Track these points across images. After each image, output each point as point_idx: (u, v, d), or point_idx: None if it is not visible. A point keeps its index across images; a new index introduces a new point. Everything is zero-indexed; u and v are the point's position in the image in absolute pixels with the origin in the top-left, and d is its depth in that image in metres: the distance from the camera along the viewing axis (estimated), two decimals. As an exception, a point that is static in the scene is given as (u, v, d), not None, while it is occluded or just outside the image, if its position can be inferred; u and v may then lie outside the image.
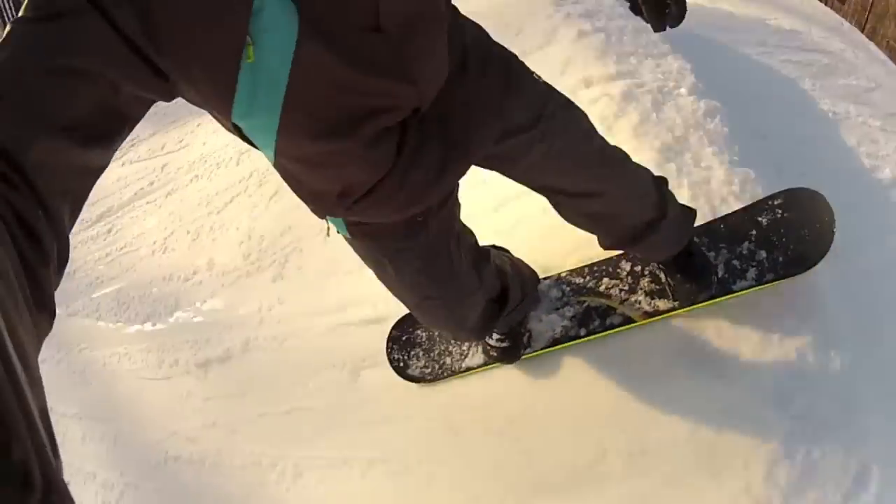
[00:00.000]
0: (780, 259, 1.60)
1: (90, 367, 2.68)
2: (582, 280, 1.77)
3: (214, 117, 0.81)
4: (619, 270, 1.73)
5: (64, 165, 0.54)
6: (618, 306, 1.69)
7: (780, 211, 1.68)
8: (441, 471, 1.67)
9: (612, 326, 1.67)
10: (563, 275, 1.81)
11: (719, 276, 1.60)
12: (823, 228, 1.61)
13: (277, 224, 2.50)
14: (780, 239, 1.64)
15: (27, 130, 0.51)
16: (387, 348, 1.94)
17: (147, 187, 3.30)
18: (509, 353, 1.68)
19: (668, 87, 2.16)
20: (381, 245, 1.12)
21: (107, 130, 0.59)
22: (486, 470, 1.60)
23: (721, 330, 1.57)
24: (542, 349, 1.71)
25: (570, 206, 1.30)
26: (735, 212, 1.72)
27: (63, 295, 2.89)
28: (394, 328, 1.97)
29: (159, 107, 0.87)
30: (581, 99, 1.97)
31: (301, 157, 0.88)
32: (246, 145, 0.87)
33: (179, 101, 0.72)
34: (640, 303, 1.67)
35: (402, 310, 1.84)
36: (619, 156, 1.28)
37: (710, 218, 1.70)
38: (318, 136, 0.82)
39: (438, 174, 0.97)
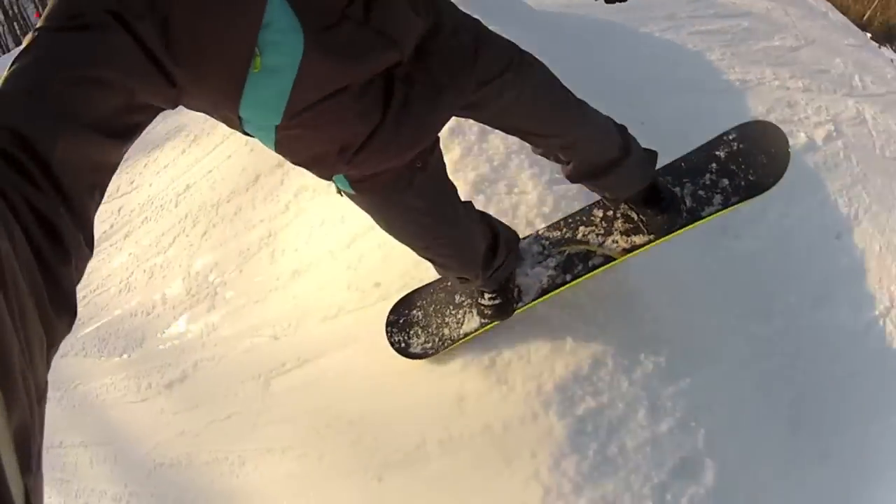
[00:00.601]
0: (742, 184, 1.71)
1: (86, 399, 3.01)
2: (559, 233, 1.86)
3: (214, 114, 0.89)
4: (592, 218, 1.82)
5: (87, 161, 0.57)
6: (597, 249, 1.77)
7: (735, 144, 1.78)
8: (326, 453, 2.05)
9: (596, 267, 1.74)
10: (540, 231, 1.91)
11: (687, 205, 1.71)
12: (779, 152, 1.71)
13: (208, 261, 2.92)
14: (740, 167, 1.74)
15: (52, 128, 0.53)
16: (387, 332, 2.03)
17: (108, 230, 3.55)
18: (503, 309, 1.73)
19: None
20: (385, 196, 1.20)
21: (123, 131, 0.63)
22: (350, 451, 1.98)
23: (514, 340, 1.81)
24: (532, 300, 1.77)
25: (542, 143, 1.41)
26: (693, 150, 1.83)
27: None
28: (391, 313, 2.05)
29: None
30: None
31: (300, 125, 0.93)
32: (182, 186, 1.06)
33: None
34: (617, 242, 1.75)
35: (304, 329, 2.31)
36: (582, 103, 1.37)
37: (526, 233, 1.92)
38: (315, 105, 0.89)
39: (427, 118, 1.06)
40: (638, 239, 1.72)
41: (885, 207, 2.83)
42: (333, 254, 2.25)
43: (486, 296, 1.75)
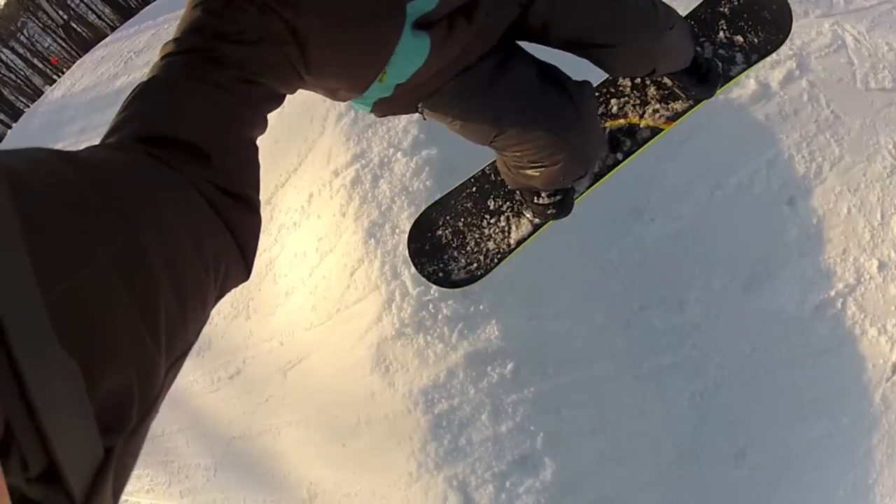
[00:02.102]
0: (756, 40, 1.70)
1: (178, 394, 3.90)
2: None
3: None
4: (621, 88, 1.73)
5: (242, 149, 0.66)
6: (639, 121, 1.69)
7: (736, 0, 1.76)
8: (318, 426, 2.72)
9: (644, 141, 1.68)
10: None
11: (719, 65, 1.69)
12: (778, 5, 1.71)
13: None
14: (747, 23, 1.72)
15: (213, 126, 0.62)
16: (415, 265, 1.85)
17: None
18: (565, 205, 1.61)
19: (388, 155, 2.55)
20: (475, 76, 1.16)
21: (263, 119, 0.72)
22: (328, 424, 2.62)
23: (398, 351, 2.20)
24: (588, 188, 1.71)
25: (607, 56, 1.28)
26: (697, 7, 1.78)
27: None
28: (410, 241, 1.85)
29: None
30: (330, 191, 2.64)
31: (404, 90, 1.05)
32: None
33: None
34: (658, 111, 1.68)
35: (297, 336, 2.92)
36: None
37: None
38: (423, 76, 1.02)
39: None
40: (678, 105, 1.67)
41: (862, 156, 2.44)
42: (303, 281, 2.82)
43: (544, 195, 1.59)
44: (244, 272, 0.61)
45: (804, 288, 2.26)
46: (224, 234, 0.56)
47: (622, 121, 1.71)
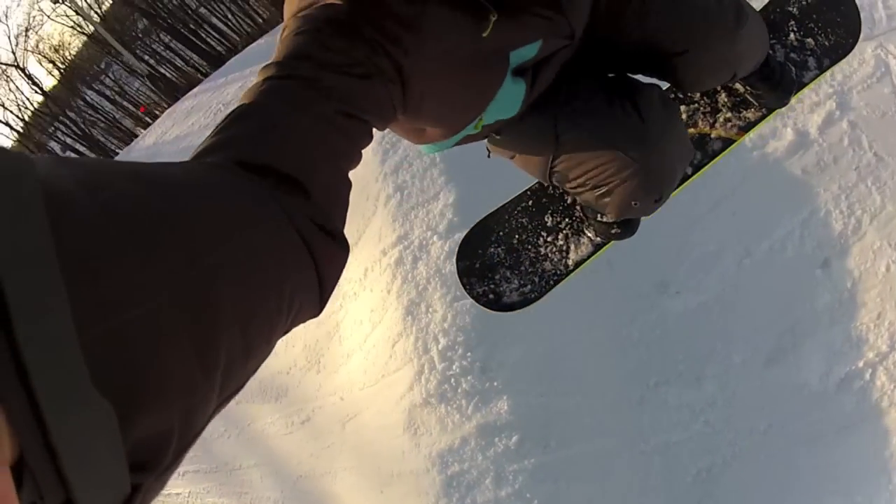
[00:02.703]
0: (827, 43, 1.65)
1: (255, 434, 4.32)
2: None
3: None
4: (690, 94, 1.64)
5: (340, 185, 0.65)
6: (710, 130, 1.61)
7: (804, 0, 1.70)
8: (359, 475, 3.03)
9: (716, 153, 1.60)
10: None
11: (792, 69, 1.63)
12: (846, 6, 1.66)
13: (311, 337, 4.14)
14: (817, 24, 1.67)
15: (315, 159, 0.61)
16: (464, 285, 1.74)
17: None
18: (630, 224, 1.49)
19: (426, 238, 2.76)
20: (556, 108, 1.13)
21: (359, 155, 0.71)
22: (369, 474, 2.93)
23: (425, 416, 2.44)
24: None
25: (681, 66, 1.19)
26: (765, 7, 1.70)
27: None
28: (459, 259, 1.75)
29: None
30: (379, 268, 2.90)
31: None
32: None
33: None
34: (729, 120, 1.61)
35: (352, 392, 3.25)
36: None
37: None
38: None
39: None
40: (750, 114, 1.59)
41: None
42: (360, 345, 3.11)
43: None
44: (317, 309, 0.58)
45: (831, 360, 2.22)
46: (309, 269, 0.54)
47: (692, 130, 1.62)
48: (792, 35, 1.67)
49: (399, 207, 2.79)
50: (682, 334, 2.35)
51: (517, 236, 1.66)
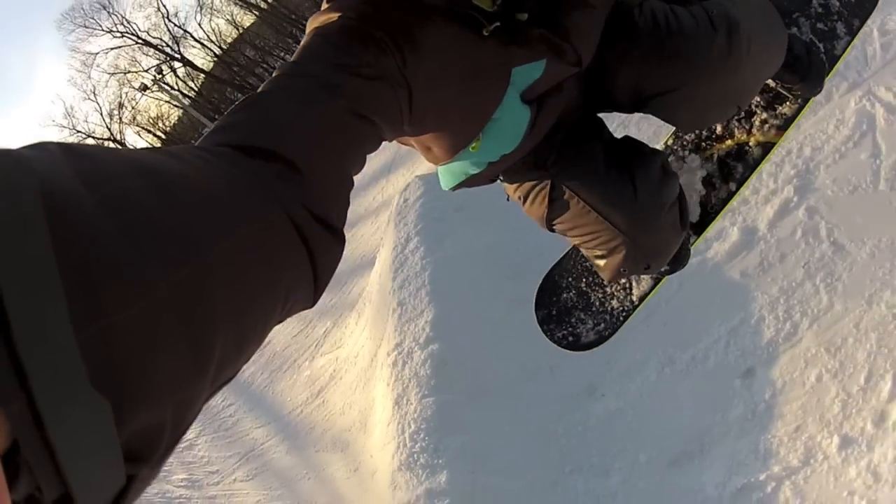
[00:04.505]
0: (853, 0, 1.56)
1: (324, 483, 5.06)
2: (691, 136, 1.61)
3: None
4: None
5: (341, 182, 0.66)
6: (748, 138, 1.54)
7: None
8: None
9: (758, 161, 1.54)
10: (668, 142, 1.68)
11: (821, 49, 1.55)
12: None
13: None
14: None
15: (319, 151, 0.62)
16: (545, 332, 1.82)
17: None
18: (679, 258, 1.45)
19: (411, 347, 3.35)
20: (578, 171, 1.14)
21: (363, 159, 0.73)
22: None
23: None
24: (705, 229, 1.60)
25: (669, 104, 1.14)
26: None
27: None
28: (537, 309, 1.85)
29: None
30: (387, 367, 3.49)
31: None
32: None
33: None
34: (766, 122, 1.54)
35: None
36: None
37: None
38: None
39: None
40: (787, 109, 1.53)
41: (861, 299, 2.22)
42: (377, 421, 3.72)
43: None
44: (310, 302, 0.59)
45: (732, 469, 2.29)
46: (304, 263, 0.55)
47: (729, 142, 1.58)
48: (814, 0, 1.58)
49: (399, 319, 3.54)
50: (599, 432, 2.65)
51: (584, 279, 1.76)
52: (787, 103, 1.49)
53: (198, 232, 0.43)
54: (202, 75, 21.42)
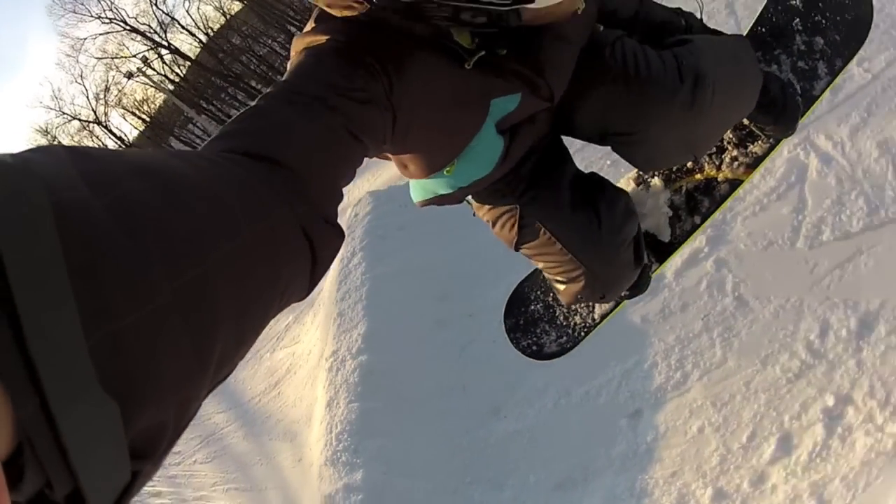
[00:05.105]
0: (838, 38, 1.51)
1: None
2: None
3: None
4: None
5: (337, 190, 0.69)
6: (717, 173, 1.56)
7: None
8: None
9: (724, 197, 1.56)
10: (641, 174, 1.67)
11: (798, 89, 1.52)
12: None
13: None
14: (825, 15, 1.52)
15: (320, 161, 0.65)
16: (511, 340, 1.89)
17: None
18: (640, 284, 1.49)
19: (344, 356, 3.57)
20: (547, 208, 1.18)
21: (353, 173, 0.75)
22: None
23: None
24: (667, 259, 1.65)
25: (630, 147, 1.19)
26: (765, 7, 1.61)
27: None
28: (506, 317, 1.91)
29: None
30: (324, 370, 3.69)
31: None
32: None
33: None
34: (736, 158, 1.54)
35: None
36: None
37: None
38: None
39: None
40: (757, 148, 1.53)
41: (755, 359, 2.28)
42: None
43: None
44: (304, 293, 0.59)
45: (608, 501, 2.41)
46: (304, 258, 0.56)
47: (698, 176, 1.60)
48: (798, 38, 1.55)
49: (338, 329, 3.72)
50: (498, 449, 2.80)
51: (551, 294, 1.80)
52: (759, 142, 1.50)
53: (202, 234, 0.43)
54: (188, 62, 21.57)
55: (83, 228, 0.34)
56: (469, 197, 1.22)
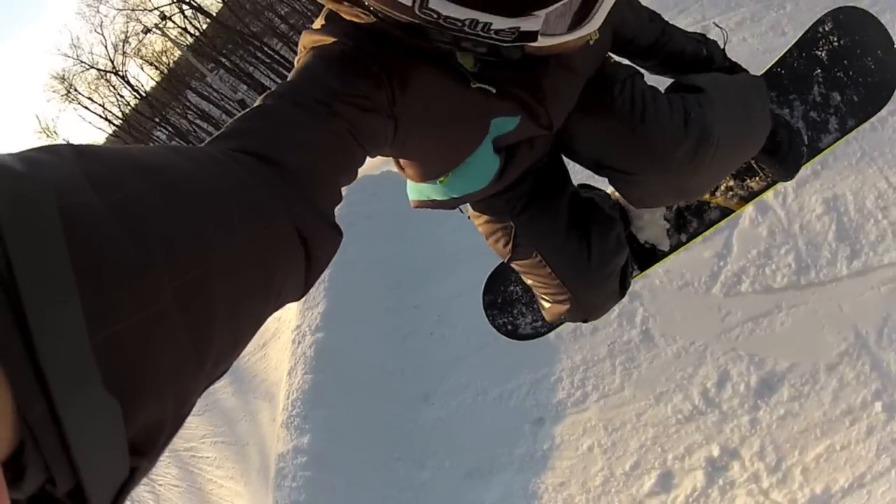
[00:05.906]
0: (856, 98, 1.50)
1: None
2: None
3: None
4: None
5: (337, 191, 0.70)
6: (710, 199, 1.57)
7: (834, 40, 1.53)
8: None
9: (713, 222, 1.56)
10: None
11: (805, 138, 1.51)
12: (885, 51, 1.47)
13: None
14: (847, 73, 1.51)
15: (322, 163, 0.65)
16: (488, 316, 1.88)
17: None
18: (622, 287, 1.45)
19: (305, 331, 3.75)
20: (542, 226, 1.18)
21: (355, 174, 0.76)
22: None
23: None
24: (647, 268, 1.66)
25: (626, 185, 1.20)
26: (789, 50, 1.57)
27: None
28: (485, 293, 1.89)
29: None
30: (287, 341, 3.87)
31: None
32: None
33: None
34: (732, 189, 1.55)
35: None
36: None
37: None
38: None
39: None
40: (754, 184, 1.54)
41: (650, 394, 2.36)
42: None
43: None
44: (300, 293, 0.60)
45: (506, 496, 2.63)
46: (299, 259, 0.56)
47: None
48: (816, 88, 1.53)
49: (304, 305, 3.93)
50: (424, 432, 3.03)
51: None
52: (757, 178, 1.50)
53: (203, 234, 0.43)
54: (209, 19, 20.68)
55: (89, 231, 0.35)
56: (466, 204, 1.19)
